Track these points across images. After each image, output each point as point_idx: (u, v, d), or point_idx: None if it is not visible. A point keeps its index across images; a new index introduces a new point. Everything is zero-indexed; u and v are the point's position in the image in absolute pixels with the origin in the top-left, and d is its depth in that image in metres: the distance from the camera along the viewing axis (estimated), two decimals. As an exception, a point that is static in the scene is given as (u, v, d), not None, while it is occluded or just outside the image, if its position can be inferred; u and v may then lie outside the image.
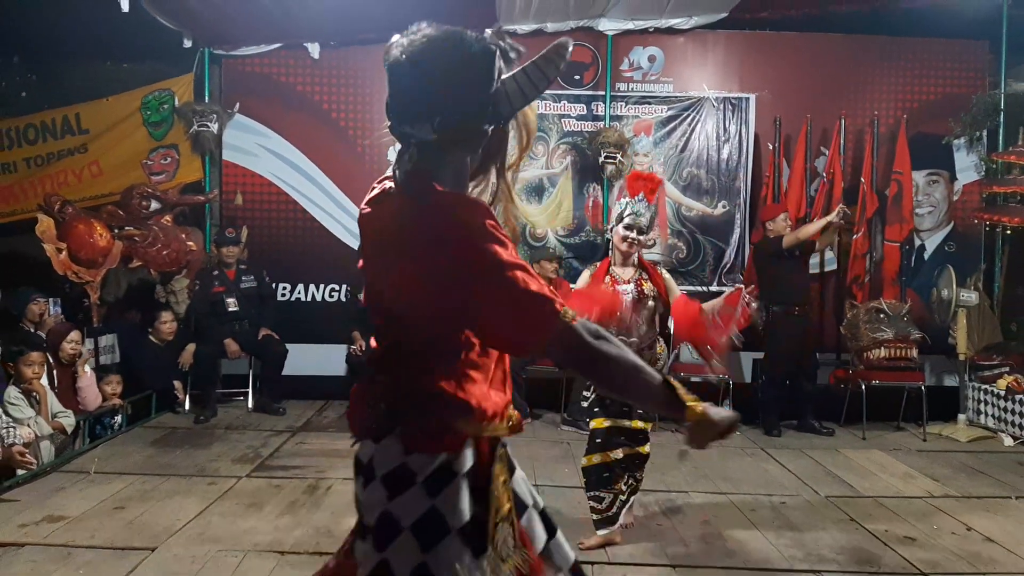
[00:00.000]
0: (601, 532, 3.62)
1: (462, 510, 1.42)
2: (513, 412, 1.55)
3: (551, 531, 1.61)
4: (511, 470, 1.58)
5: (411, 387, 1.44)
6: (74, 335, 5.36)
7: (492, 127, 1.48)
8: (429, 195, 1.40)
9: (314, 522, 3.88)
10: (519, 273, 1.33)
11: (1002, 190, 6.58)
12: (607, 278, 3.70)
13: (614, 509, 3.62)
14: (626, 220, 3.69)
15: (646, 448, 3.70)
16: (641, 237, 3.71)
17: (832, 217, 5.86)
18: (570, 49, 1.46)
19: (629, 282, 3.67)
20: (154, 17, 6.12)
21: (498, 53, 1.43)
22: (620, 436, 3.64)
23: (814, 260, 6.54)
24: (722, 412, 1.41)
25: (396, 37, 1.47)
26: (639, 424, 3.66)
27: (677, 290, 3.74)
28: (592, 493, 3.66)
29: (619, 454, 3.63)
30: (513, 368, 1.67)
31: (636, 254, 3.74)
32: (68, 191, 6.65)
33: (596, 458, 3.65)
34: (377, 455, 1.45)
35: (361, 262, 1.54)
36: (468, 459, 1.45)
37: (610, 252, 3.83)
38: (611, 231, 3.78)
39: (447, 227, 1.35)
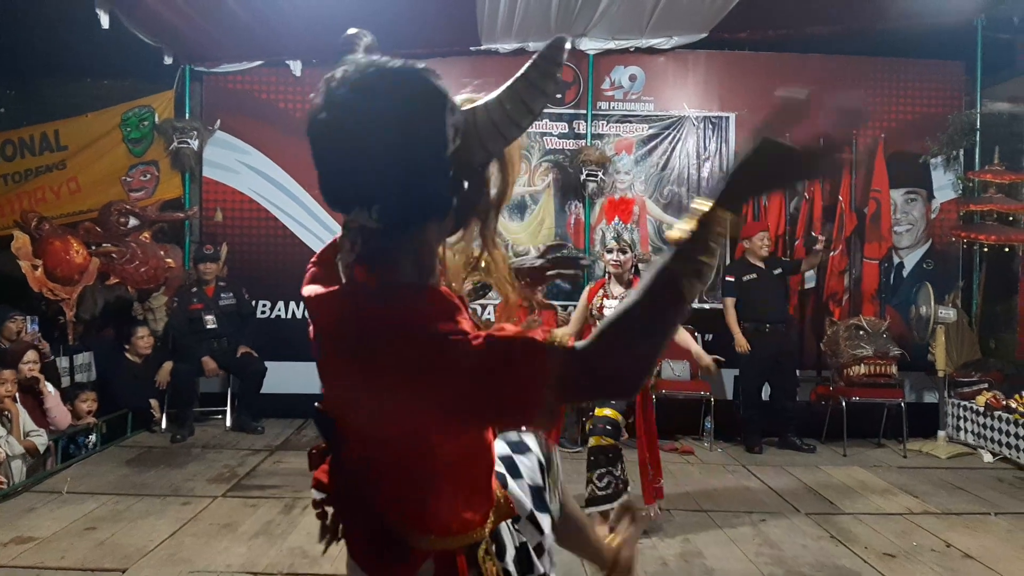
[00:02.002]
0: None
1: None
2: (500, 495, 1.37)
3: None
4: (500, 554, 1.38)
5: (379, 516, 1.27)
6: (30, 355, 5.16)
7: (463, 185, 1.19)
8: (374, 292, 1.15)
9: (289, 543, 3.82)
10: (484, 339, 1.07)
11: (979, 208, 6.64)
12: (600, 292, 4.28)
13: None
14: (608, 244, 4.30)
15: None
16: (623, 257, 4.21)
17: (819, 248, 6.34)
18: (567, 48, 1.14)
19: (619, 297, 4.13)
20: (134, 34, 6.08)
21: (449, 94, 1.16)
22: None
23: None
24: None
25: (318, 87, 1.15)
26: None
27: None
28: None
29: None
30: None
31: (629, 272, 4.26)
32: (46, 208, 6.59)
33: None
34: None
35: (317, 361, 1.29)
36: None
37: (605, 273, 4.42)
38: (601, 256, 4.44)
39: (393, 333, 1.09)
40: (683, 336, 4.48)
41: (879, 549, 3.89)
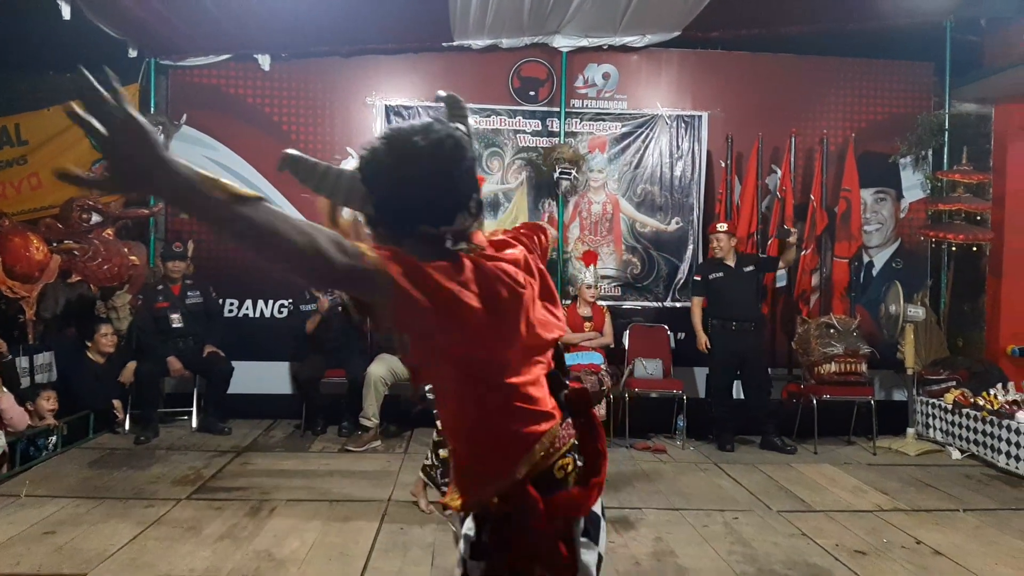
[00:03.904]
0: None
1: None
2: (556, 432, 1.49)
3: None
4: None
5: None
6: None
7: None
8: None
9: (255, 546, 3.73)
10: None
11: (947, 207, 6.73)
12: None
13: None
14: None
15: None
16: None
17: (792, 241, 6.31)
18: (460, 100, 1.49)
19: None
20: (97, 26, 5.95)
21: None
22: None
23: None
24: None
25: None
26: None
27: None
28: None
29: None
30: None
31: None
32: (6, 204, 6.41)
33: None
34: None
35: None
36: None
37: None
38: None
39: None
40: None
41: (850, 546, 3.90)
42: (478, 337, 1.34)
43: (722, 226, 6.26)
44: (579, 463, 1.51)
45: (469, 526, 1.52)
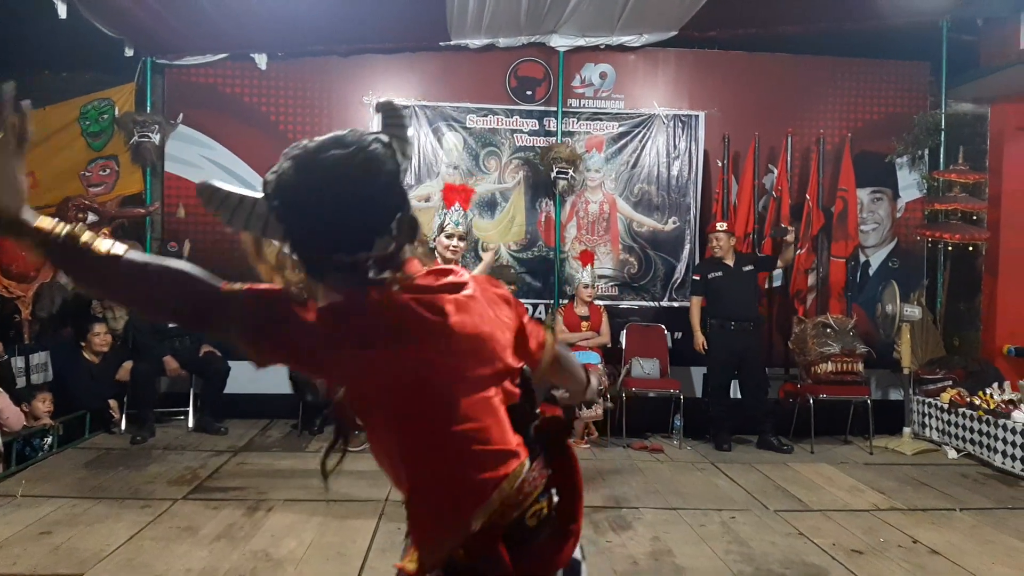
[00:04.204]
0: None
1: None
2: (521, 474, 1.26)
3: None
4: None
5: None
6: None
7: None
8: None
9: (252, 546, 3.72)
10: None
11: (943, 207, 6.73)
12: None
13: None
14: (447, 230, 3.98)
15: None
16: (462, 244, 4.02)
17: (789, 240, 6.29)
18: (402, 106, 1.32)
19: None
20: (94, 24, 5.93)
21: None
22: None
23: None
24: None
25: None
26: None
27: None
28: None
29: None
30: None
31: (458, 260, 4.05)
32: (1, 203, 6.37)
33: None
34: None
35: None
36: None
37: (436, 258, 4.01)
38: (435, 240, 4.01)
39: None
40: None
41: (847, 545, 3.90)
42: (378, 371, 1.19)
43: (722, 225, 6.26)
44: (555, 504, 1.32)
45: None
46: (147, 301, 1.21)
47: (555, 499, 1.32)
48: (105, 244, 1.16)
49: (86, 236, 1.15)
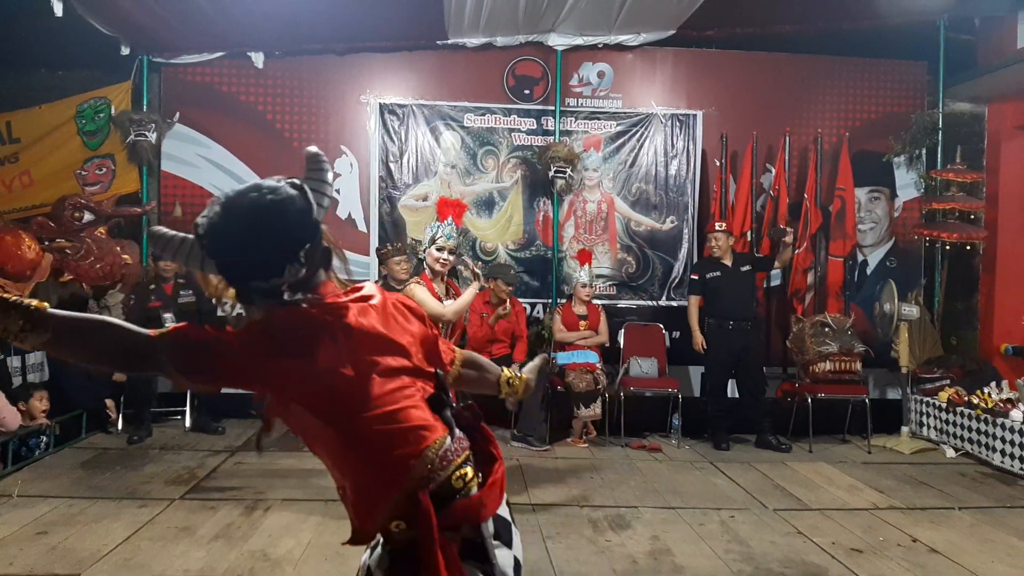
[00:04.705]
0: None
1: None
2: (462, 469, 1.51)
3: None
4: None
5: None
6: None
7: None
8: None
9: (249, 546, 3.71)
10: None
11: (941, 206, 6.74)
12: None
13: None
14: (438, 242, 4.15)
15: None
16: (451, 257, 4.20)
17: (788, 240, 6.24)
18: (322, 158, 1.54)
19: (440, 297, 4.18)
20: (90, 23, 5.91)
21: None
22: None
23: (761, 275, 6.64)
24: None
25: None
26: None
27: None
28: None
29: None
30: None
31: (446, 272, 4.24)
32: (-2, 202, 6.37)
33: None
34: None
35: None
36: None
37: (425, 269, 4.26)
38: (424, 252, 4.25)
39: None
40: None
41: (846, 544, 3.90)
42: (294, 377, 1.39)
43: (720, 226, 6.25)
44: (480, 473, 1.54)
45: (372, 557, 1.59)
46: (93, 358, 1.38)
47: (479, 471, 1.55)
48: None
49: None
